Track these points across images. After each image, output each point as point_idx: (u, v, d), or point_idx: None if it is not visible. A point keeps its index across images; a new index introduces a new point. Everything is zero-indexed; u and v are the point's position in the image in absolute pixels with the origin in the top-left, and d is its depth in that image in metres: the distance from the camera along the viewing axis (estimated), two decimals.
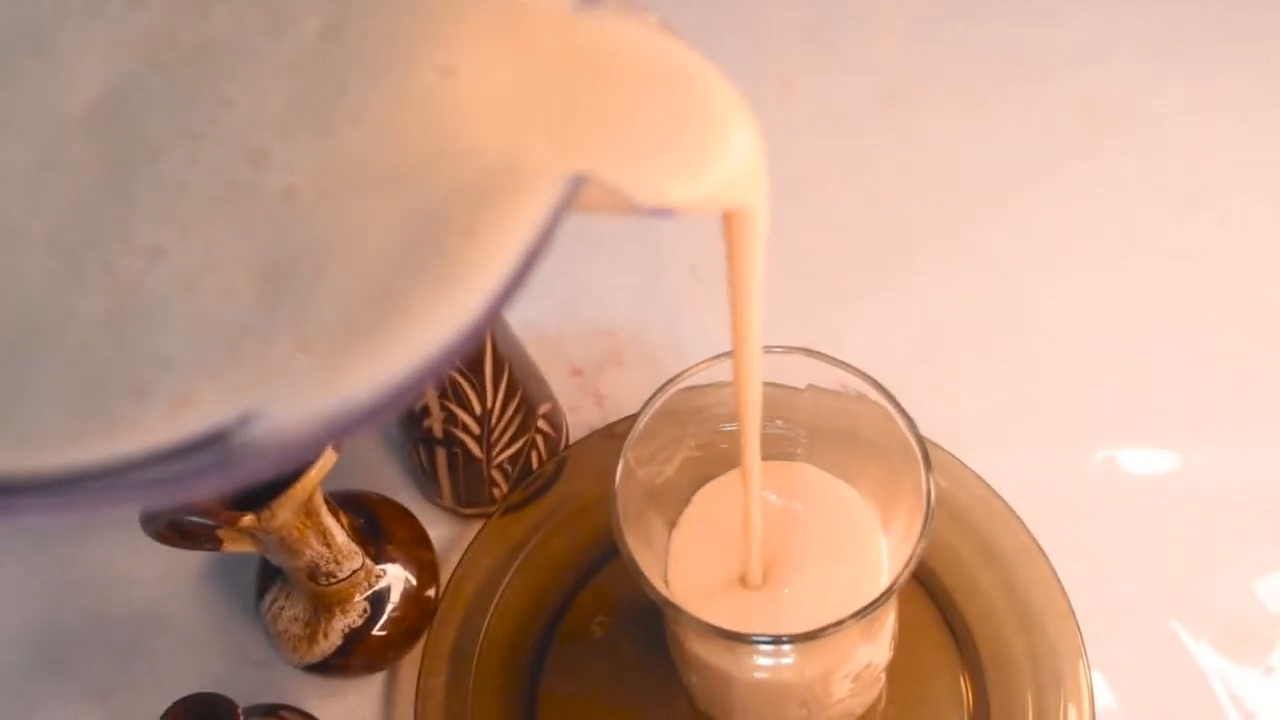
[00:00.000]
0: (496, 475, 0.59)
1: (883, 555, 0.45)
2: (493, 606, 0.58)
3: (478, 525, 0.60)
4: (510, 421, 0.57)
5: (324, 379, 0.19)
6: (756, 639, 0.41)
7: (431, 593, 0.58)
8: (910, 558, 0.42)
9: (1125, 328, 0.64)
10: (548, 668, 0.57)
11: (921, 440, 0.43)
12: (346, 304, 0.20)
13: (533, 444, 0.59)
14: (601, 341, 0.65)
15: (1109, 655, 0.56)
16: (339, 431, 0.19)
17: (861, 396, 0.44)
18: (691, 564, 0.45)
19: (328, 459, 0.48)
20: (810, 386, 0.47)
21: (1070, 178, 0.68)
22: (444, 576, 0.59)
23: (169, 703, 0.51)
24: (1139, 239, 0.66)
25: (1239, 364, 0.62)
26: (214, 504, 0.49)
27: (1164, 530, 0.59)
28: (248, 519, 0.48)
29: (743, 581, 0.45)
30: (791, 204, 0.67)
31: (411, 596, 0.57)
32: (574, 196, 0.22)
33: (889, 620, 0.48)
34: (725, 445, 0.48)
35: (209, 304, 0.20)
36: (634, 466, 0.44)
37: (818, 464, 0.48)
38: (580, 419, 0.63)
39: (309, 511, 0.51)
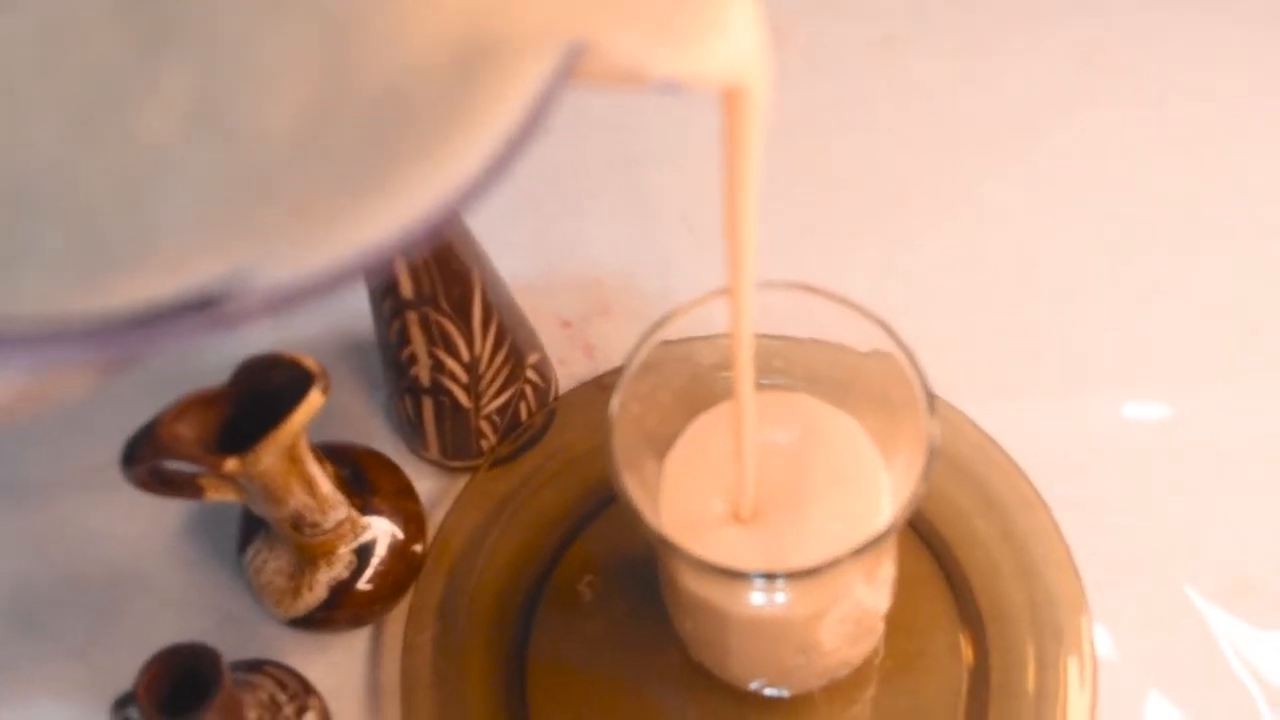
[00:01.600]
0: (484, 426, 0.59)
1: (884, 490, 0.45)
2: (480, 561, 0.58)
3: (464, 479, 0.60)
4: (499, 370, 0.57)
5: (317, 238, 0.19)
6: (753, 576, 0.41)
7: (418, 547, 0.57)
8: (911, 497, 0.42)
9: (1125, 277, 0.64)
10: (537, 623, 0.57)
11: (922, 375, 0.43)
12: (347, 166, 0.20)
13: (521, 394, 0.59)
14: (591, 293, 0.65)
15: (1110, 607, 0.56)
16: (324, 289, 0.19)
17: (868, 353, 0.44)
18: (684, 498, 0.45)
19: (313, 401, 0.48)
20: (810, 339, 0.47)
21: (1069, 126, 0.69)
22: (430, 530, 0.59)
23: (146, 658, 0.51)
24: (1138, 187, 0.66)
25: (1241, 313, 0.63)
26: (196, 448, 0.49)
27: (1166, 481, 0.59)
28: (231, 463, 0.48)
29: (736, 515, 0.45)
30: (786, 151, 0.67)
31: (398, 550, 0.57)
32: (572, 67, 0.22)
33: (888, 565, 0.49)
34: (719, 387, 0.48)
35: (231, 165, 0.20)
36: (629, 402, 0.44)
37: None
38: (570, 371, 0.63)
39: (293, 457, 0.50)
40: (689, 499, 0.45)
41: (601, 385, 0.62)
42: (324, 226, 0.19)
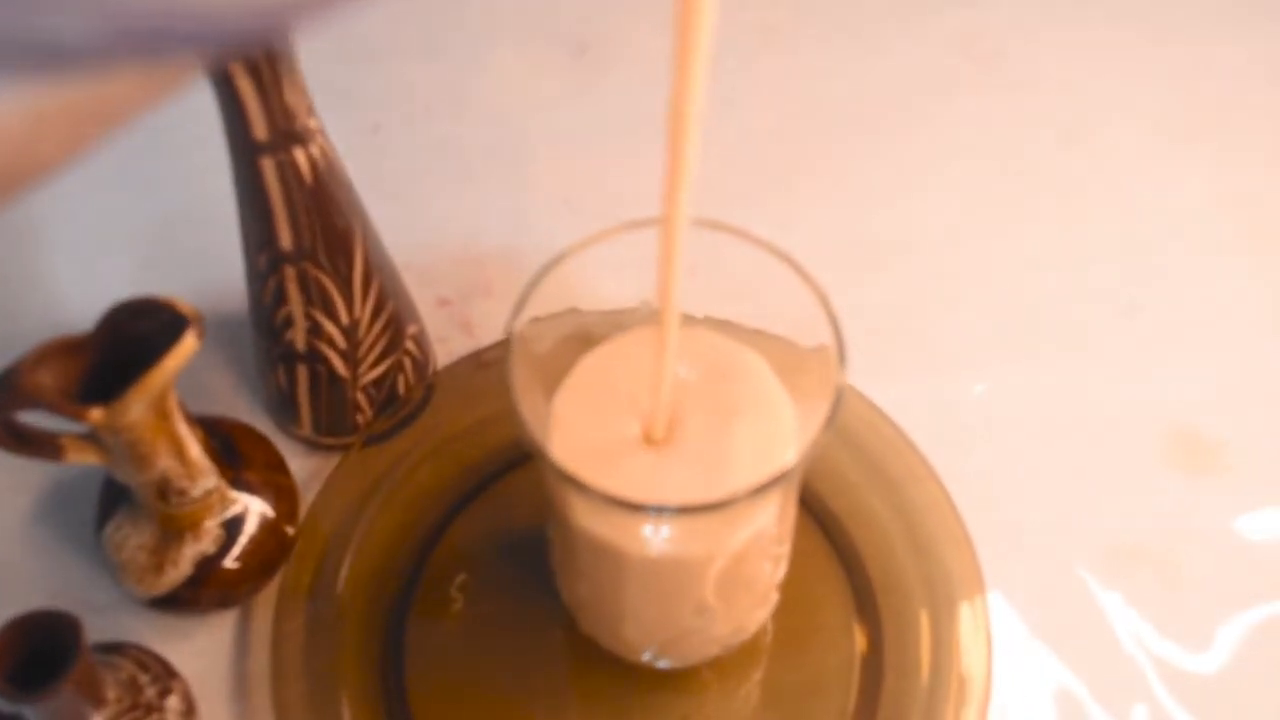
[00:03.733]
0: (361, 399, 0.58)
1: (790, 429, 0.45)
2: (354, 544, 0.57)
3: (337, 459, 0.59)
4: (379, 338, 0.56)
5: None
6: (650, 508, 0.41)
7: (290, 524, 0.56)
8: (815, 441, 0.42)
9: (1005, 256, 0.66)
10: (414, 608, 0.57)
11: (833, 315, 0.44)
12: None
13: (400, 366, 0.58)
14: (471, 272, 0.65)
15: (1002, 579, 0.57)
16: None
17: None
18: (578, 430, 0.44)
19: (187, 345, 0.47)
20: (707, 318, 0.48)
21: (949, 113, 0.71)
22: (301, 511, 0.58)
23: None
24: (1017, 170, 0.69)
25: (1117, 289, 0.65)
26: (59, 397, 0.47)
27: (1053, 454, 0.61)
28: (96, 412, 0.47)
29: (645, 438, 0.45)
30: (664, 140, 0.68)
31: (269, 527, 0.55)
32: None
33: (786, 523, 0.49)
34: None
35: None
36: (524, 331, 0.44)
37: None
38: (448, 349, 0.63)
39: (162, 412, 0.49)
40: (588, 430, 0.45)
41: (481, 362, 0.62)
42: None
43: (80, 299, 0.63)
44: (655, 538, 0.44)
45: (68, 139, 0.24)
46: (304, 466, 0.60)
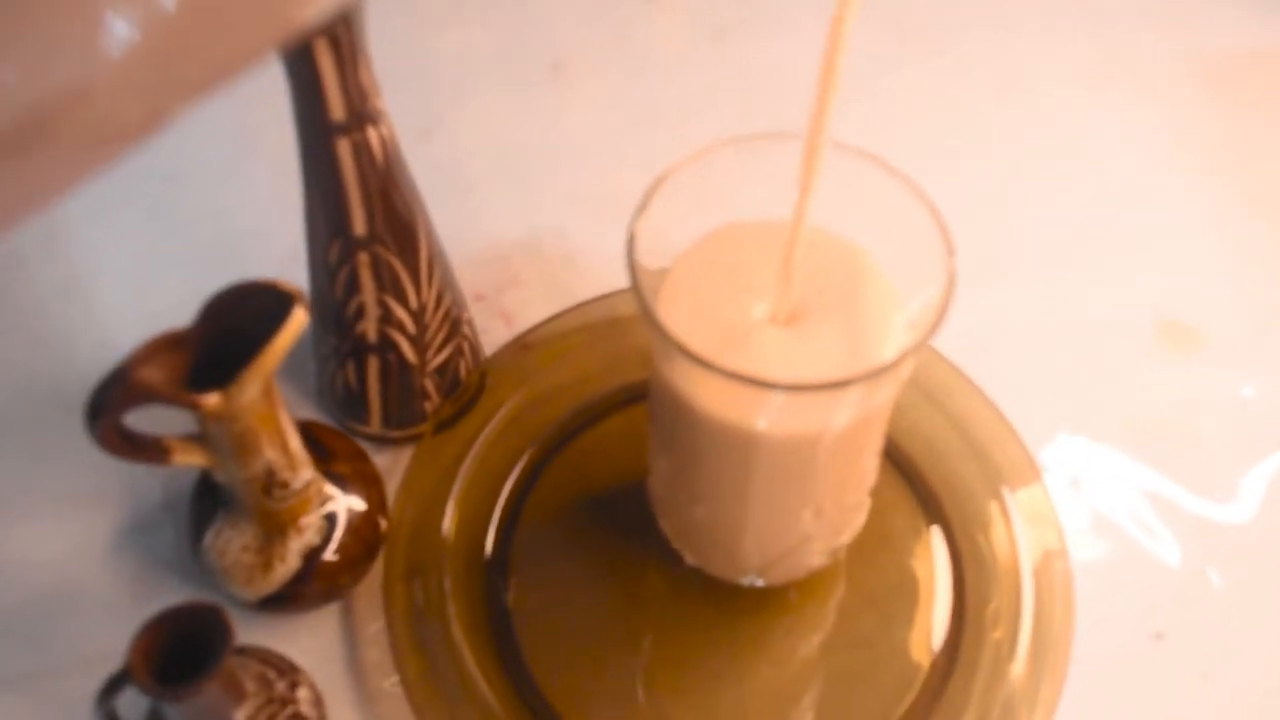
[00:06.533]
0: (429, 385, 0.55)
1: (901, 309, 0.44)
2: (444, 521, 0.54)
3: (406, 452, 0.56)
4: (442, 323, 0.54)
5: None
6: (785, 385, 0.39)
7: (381, 512, 0.53)
8: (939, 312, 0.41)
9: (966, 198, 0.67)
10: (511, 571, 0.54)
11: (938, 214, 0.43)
12: None
13: (460, 351, 0.56)
14: (498, 267, 0.63)
15: (1047, 462, 0.57)
16: None
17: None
18: (696, 318, 0.42)
19: (296, 320, 0.44)
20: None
21: (891, 84, 0.71)
22: (388, 499, 0.54)
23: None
24: (961, 128, 0.70)
25: (1082, 212, 0.66)
26: (172, 389, 0.44)
27: (1065, 353, 0.61)
28: (213, 398, 0.43)
29: (772, 318, 0.43)
30: (644, 136, 0.68)
31: (363, 515, 0.52)
32: None
33: (888, 417, 0.47)
34: None
35: None
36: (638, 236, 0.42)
37: None
38: (491, 339, 0.60)
39: (270, 398, 0.46)
40: (707, 315, 0.43)
41: (524, 344, 0.59)
42: None
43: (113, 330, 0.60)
44: (785, 417, 0.42)
45: (150, 106, 0.22)
46: (377, 462, 0.56)
